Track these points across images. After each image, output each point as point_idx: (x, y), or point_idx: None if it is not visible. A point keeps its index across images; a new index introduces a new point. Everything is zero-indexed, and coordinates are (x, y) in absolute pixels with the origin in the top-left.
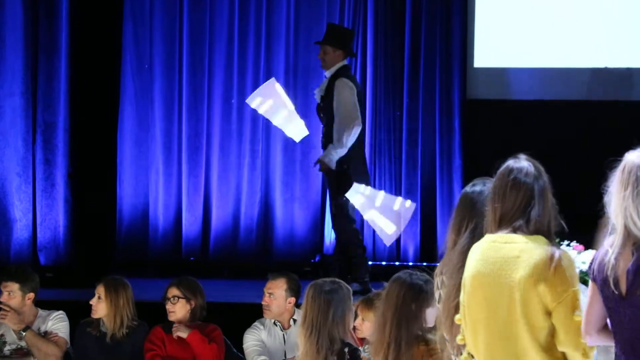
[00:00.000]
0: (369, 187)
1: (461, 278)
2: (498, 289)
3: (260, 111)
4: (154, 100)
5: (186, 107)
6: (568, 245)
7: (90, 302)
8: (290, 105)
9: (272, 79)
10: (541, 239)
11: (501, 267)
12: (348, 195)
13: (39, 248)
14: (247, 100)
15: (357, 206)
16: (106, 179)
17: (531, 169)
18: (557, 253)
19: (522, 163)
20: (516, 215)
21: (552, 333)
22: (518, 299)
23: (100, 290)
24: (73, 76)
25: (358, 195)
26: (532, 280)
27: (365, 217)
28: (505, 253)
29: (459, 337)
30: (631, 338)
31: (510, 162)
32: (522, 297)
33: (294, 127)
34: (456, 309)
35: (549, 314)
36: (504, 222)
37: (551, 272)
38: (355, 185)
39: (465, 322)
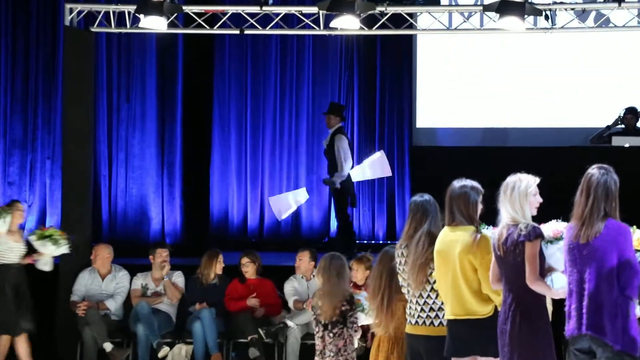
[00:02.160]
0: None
1: (423, 248)
2: (449, 257)
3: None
4: (230, 144)
5: (250, 146)
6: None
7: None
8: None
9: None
10: (471, 227)
11: (451, 244)
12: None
13: (166, 234)
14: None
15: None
16: (204, 193)
17: (467, 188)
18: (478, 236)
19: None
20: (460, 215)
21: (479, 283)
22: (458, 264)
23: (205, 257)
24: (184, 128)
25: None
26: (466, 251)
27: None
28: (454, 236)
29: (436, 285)
30: (508, 282)
31: (467, 182)
32: (460, 262)
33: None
34: (420, 267)
35: (475, 271)
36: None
37: (477, 246)
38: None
39: (441, 278)
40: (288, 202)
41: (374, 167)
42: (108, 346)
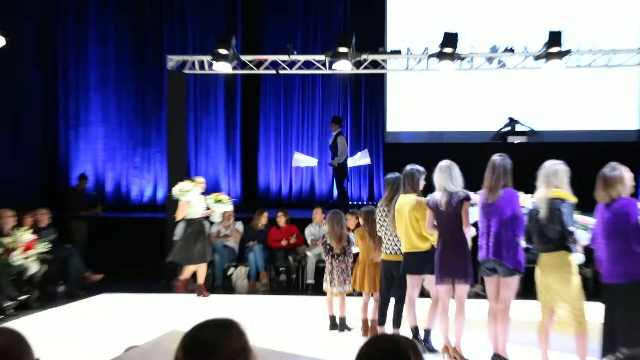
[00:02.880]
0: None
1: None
2: (403, 213)
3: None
4: (270, 143)
5: (282, 144)
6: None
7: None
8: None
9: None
10: (415, 194)
11: (404, 205)
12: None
13: (231, 198)
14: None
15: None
16: (254, 174)
17: (414, 170)
18: (420, 199)
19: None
20: (409, 187)
21: (420, 228)
22: (408, 217)
23: (256, 213)
24: (242, 133)
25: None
26: (412, 209)
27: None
28: (405, 200)
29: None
30: (443, 230)
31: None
32: (409, 216)
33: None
34: (394, 220)
35: (418, 221)
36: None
37: (418, 206)
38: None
39: (398, 226)
40: (303, 161)
41: (361, 157)
42: None
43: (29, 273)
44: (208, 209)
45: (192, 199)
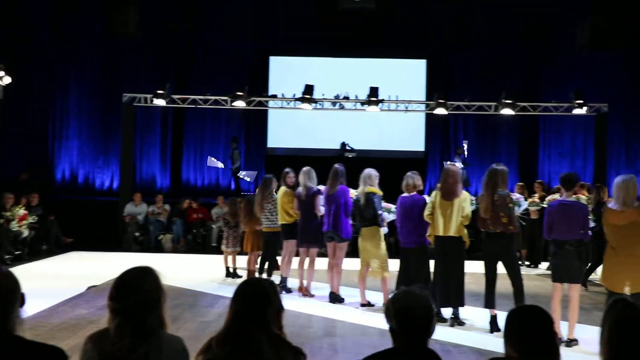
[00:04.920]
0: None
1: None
2: (279, 198)
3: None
4: (190, 154)
5: (199, 157)
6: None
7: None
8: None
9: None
10: (285, 188)
11: (279, 192)
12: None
13: (163, 188)
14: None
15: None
16: (178, 172)
17: (286, 172)
18: (287, 190)
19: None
20: (282, 182)
21: (287, 208)
22: (280, 200)
23: (183, 199)
24: (172, 148)
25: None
26: (282, 196)
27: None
28: (280, 190)
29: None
30: (303, 212)
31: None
32: (281, 200)
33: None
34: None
35: (287, 204)
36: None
37: (285, 194)
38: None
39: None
40: (215, 163)
41: (246, 175)
42: (137, 235)
43: (22, 236)
44: None
45: None
